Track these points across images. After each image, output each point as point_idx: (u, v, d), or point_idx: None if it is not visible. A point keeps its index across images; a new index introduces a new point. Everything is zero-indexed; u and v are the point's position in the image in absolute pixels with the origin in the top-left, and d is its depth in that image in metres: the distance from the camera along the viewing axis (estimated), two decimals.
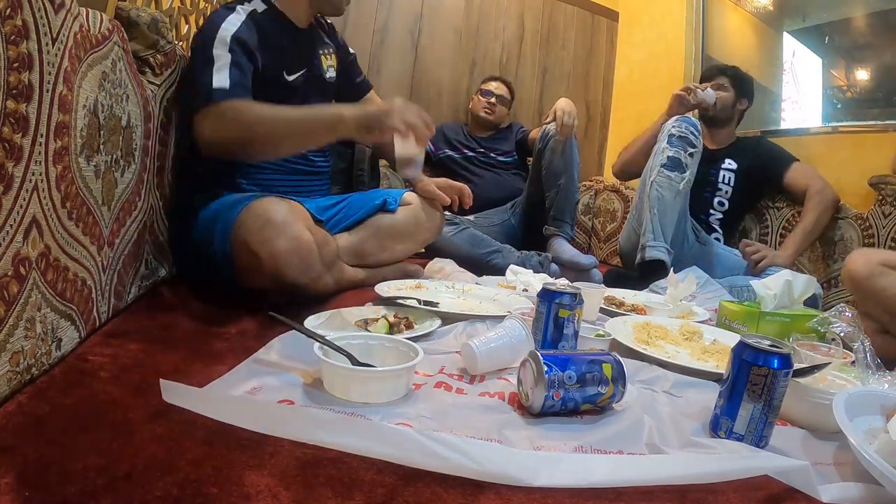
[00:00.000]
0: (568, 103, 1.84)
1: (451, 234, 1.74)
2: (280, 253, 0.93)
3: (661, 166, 1.67)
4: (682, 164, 1.67)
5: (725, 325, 1.14)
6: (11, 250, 0.53)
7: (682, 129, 1.68)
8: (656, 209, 1.65)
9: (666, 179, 1.66)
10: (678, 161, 1.66)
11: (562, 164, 1.84)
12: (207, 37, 1.07)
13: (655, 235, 1.63)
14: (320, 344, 0.69)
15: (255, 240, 0.93)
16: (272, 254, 0.93)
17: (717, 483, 0.53)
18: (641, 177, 1.80)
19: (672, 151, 1.67)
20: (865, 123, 1.86)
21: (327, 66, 1.38)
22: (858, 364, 0.76)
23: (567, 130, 1.81)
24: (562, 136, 1.82)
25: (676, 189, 1.66)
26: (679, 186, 1.66)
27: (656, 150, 1.73)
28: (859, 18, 1.95)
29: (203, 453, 0.50)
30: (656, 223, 1.64)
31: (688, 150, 1.67)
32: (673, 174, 1.66)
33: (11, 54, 0.51)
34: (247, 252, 0.94)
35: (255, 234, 0.94)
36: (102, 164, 0.76)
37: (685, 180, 1.67)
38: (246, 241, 0.94)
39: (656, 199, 1.65)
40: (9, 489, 0.41)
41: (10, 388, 0.55)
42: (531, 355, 0.66)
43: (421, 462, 0.50)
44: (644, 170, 1.78)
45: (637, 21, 2.81)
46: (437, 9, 2.41)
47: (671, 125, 1.71)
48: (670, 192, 1.65)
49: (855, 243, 1.68)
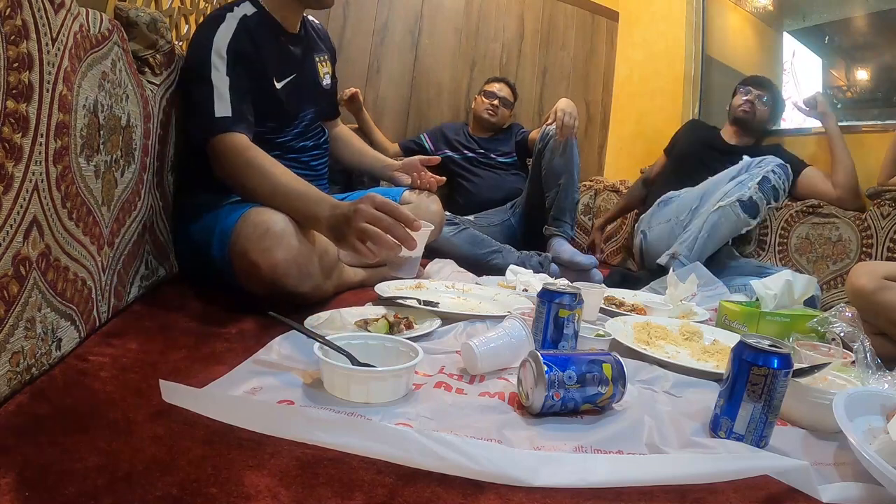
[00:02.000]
0: (568, 104, 1.84)
1: (451, 234, 1.74)
2: (279, 264, 0.92)
3: (738, 201, 1.62)
4: (759, 211, 1.63)
5: (725, 325, 1.14)
6: (12, 250, 0.53)
7: (778, 180, 1.63)
8: (707, 234, 1.62)
9: (735, 216, 1.62)
10: (756, 207, 1.62)
11: (562, 164, 1.83)
12: (202, 56, 1.05)
13: (692, 256, 1.62)
14: (320, 344, 0.69)
15: (255, 249, 0.92)
16: (271, 265, 0.91)
17: (717, 483, 0.53)
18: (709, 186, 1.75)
19: (758, 196, 1.61)
20: (865, 123, 1.87)
21: (324, 72, 1.36)
22: (858, 364, 0.76)
23: (567, 131, 1.80)
24: (561, 137, 1.81)
25: (738, 230, 1.64)
26: (742, 229, 1.64)
27: (742, 180, 1.65)
28: (859, 18, 1.95)
29: (203, 453, 0.50)
30: (699, 246, 1.62)
31: (772, 203, 1.64)
32: (744, 216, 1.62)
33: (11, 54, 0.51)
34: (246, 261, 0.93)
35: (255, 244, 0.92)
36: (102, 164, 0.76)
37: (750, 226, 1.65)
38: (245, 250, 0.92)
39: (713, 227, 1.62)
40: (9, 489, 0.41)
41: (10, 388, 0.55)
42: (531, 355, 0.66)
43: (421, 462, 0.50)
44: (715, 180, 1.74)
45: (637, 21, 2.81)
46: (437, 9, 2.41)
47: (773, 167, 1.64)
48: (730, 229, 1.63)
49: (853, 244, 1.68)
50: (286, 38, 1.23)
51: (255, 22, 1.14)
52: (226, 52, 1.06)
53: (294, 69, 1.23)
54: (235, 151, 1.02)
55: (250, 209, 0.97)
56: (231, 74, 1.06)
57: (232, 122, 1.03)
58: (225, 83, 1.05)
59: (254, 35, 1.12)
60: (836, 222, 1.73)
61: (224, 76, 1.05)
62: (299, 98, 1.26)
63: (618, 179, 2.54)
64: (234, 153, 1.02)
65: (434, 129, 2.29)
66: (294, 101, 1.24)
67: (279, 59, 1.20)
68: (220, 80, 1.05)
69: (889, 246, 1.59)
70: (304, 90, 1.27)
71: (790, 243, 1.85)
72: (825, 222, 1.76)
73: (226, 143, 1.02)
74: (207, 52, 1.05)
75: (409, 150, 2.24)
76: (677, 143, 2.12)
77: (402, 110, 2.39)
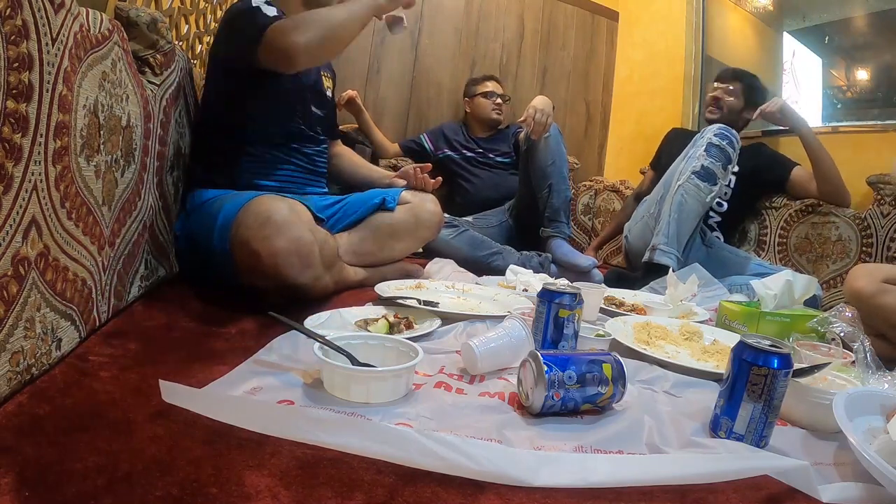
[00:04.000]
0: (542, 100, 1.78)
1: (451, 236, 1.74)
2: (280, 252, 0.93)
3: (692, 173, 1.63)
4: (716, 176, 1.63)
5: (725, 325, 1.14)
6: (11, 250, 0.53)
7: (722, 142, 1.64)
8: (676, 215, 1.62)
9: (695, 188, 1.62)
10: (712, 173, 1.62)
11: (548, 164, 1.80)
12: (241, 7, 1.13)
13: (669, 241, 1.62)
14: (320, 344, 0.69)
15: (256, 238, 0.93)
16: (272, 253, 0.93)
17: (717, 483, 0.53)
18: (667, 174, 1.76)
19: (708, 161, 1.62)
20: (865, 123, 1.87)
21: (326, 85, 1.41)
22: (858, 364, 0.76)
23: (539, 128, 1.74)
24: (535, 136, 1.76)
25: (703, 200, 1.63)
26: (706, 199, 1.63)
27: (690, 154, 1.68)
28: (859, 18, 1.95)
29: (203, 453, 0.50)
30: (673, 229, 1.62)
31: (725, 164, 1.64)
32: (703, 185, 1.62)
33: (11, 54, 0.51)
34: (247, 251, 0.94)
35: (256, 233, 0.93)
36: (102, 164, 0.76)
37: (713, 193, 1.64)
38: (246, 239, 0.94)
39: (679, 206, 1.63)
40: (9, 489, 0.41)
41: (10, 388, 0.55)
42: (531, 355, 0.66)
43: (421, 462, 0.50)
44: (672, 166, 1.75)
45: (637, 21, 2.81)
46: (437, 9, 2.41)
47: (713, 133, 1.65)
48: (695, 202, 1.63)
49: (853, 243, 1.68)
50: None
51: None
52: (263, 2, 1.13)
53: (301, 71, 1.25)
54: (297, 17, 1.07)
55: (252, 199, 0.98)
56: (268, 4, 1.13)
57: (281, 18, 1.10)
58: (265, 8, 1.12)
59: None
60: (836, 222, 1.73)
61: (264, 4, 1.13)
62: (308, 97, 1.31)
63: (618, 179, 2.54)
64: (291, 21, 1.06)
65: (434, 129, 2.29)
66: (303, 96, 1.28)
67: None
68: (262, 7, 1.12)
69: (889, 245, 1.59)
70: (311, 91, 1.33)
71: (790, 243, 1.85)
72: (825, 222, 1.76)
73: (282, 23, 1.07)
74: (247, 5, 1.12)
75: (410, 150, 2.24)
76: (662, 155, 2.11)
77: (402, 110, 2.39)
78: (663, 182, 1.77)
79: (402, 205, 1.36)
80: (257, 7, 1.12)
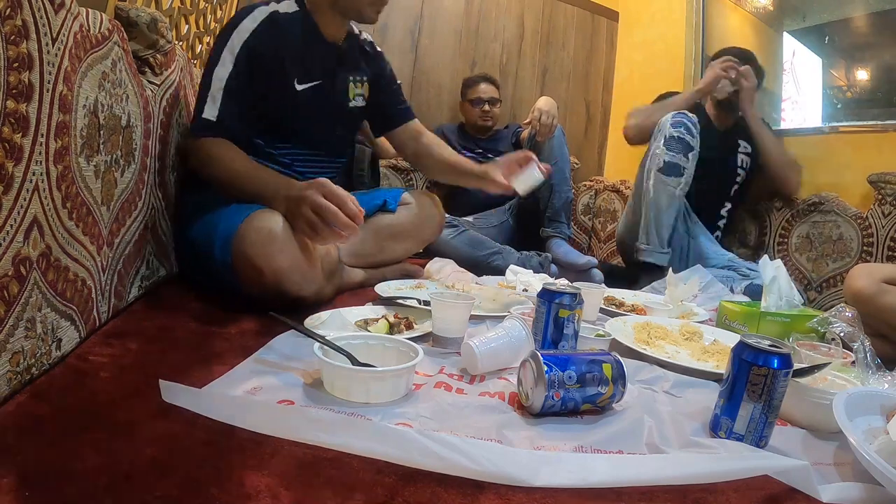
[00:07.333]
0: (547, 102, 1.79)
1: (451, 236, 1.74)
2: (282, 270, 0.92)
3: (657, 170, 1.66)
4: (680, 168, 1.65)
5: (725, 325, 1.14)
6: (12, 250, 0.53)
7: (679, 131, 1.65)
8: (653, 213, 1.66)
9: (662, 185, 1.65)
10: (674, 165, 1.65)
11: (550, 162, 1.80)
12: (218, 46, 1.08)
13: (650, 240, 1.66)
14: (320, 344, 0.69)
15: (259, 255, 0.91)
16: (274, 270, 0.91)
17: (717, 483, 0.53)
18: (638, 171, 1.79)
19: (668, 156, 1.65)
20: (865, 123, 1.86)
21: (354, 94, 1.31)
22: (858, 364, 0.76)
23: (546, 131, 1.76)
24: (541, 138, 1.78)
25: (673, 193, 1.66)
26: (676, 191, 1.66)
27: (652, 150, 1.71)
28: (859, 18, 1.95)
29: (203, 453, 0.50)
30: (652, 228, 1.66)
31: (685, 153, 1.65)
32: (670, 179, 1.65)
33: (11, 54, 0.51)
34: (249, 266, 0.92)
35: (259, 250, 0.91)
36: (102, 164, 0.76)
37: (682, 184, 1.66)
38: (248, 254, 0.92)
39: (653, 204, 1.66)
40: (9, 489, 0.41)
41: (10, 388, 0.55)
42: (531, 355, 0.66)
43: (421, 462, 0.50)
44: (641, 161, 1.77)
45: (637, 21, 2.81)
46: (437, 9, 2.41)
47: (668, 124, 1.67)
48: (667, 197, 1.66)
49: (854, 242, 1.68)
50: (321, 44, 1.20)
51: (287, 19, 1.13)
52: (239, 48, 1.07)
53: (318, 76, 1.19)
54: (210, 152, 1.05)
55: (253, 213, 0.95)
56: (233, 73, 1.06)
57: (211, 127, 1.05)
58: (221, 81, 1.06)
59: (280, 32, 1.11)
60: (837, 221, 1.73)
61: (226, 73, 1.06)
62: (322, 108, 1.21)
63: (618, 179, 2.54)
64: (208, 154, 1.05)
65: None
66: (316, 109, 1.20)
67: (304, 61, 1.16)
68: (220, 76, 1.06)
69: (890, 245, 1.59)
70: (327, 103, 1.22)
71: (790, 242, 1.85)
72: (826, 221, 1.76)
73: (203, 143, 1.06)
74: (222, 44, 1.07)
75: None
76: None
77: None
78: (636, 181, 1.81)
79: (403, 205, 1.36)
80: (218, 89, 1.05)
